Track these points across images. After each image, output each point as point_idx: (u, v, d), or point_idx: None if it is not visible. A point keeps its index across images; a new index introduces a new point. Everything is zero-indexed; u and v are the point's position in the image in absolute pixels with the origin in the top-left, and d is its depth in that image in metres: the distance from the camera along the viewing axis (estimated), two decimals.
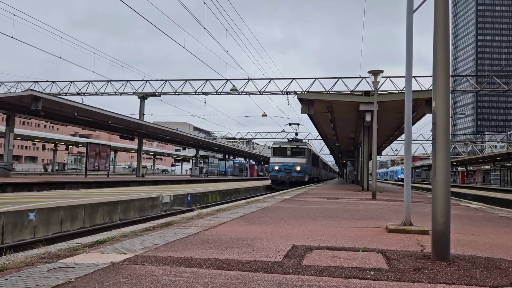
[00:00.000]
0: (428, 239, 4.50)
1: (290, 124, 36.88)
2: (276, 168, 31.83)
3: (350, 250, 4.10)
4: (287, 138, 34.51)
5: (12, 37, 22.19)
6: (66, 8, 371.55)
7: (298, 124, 36.05)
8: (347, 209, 9.09)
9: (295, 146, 32.74)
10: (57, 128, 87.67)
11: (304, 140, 46.05)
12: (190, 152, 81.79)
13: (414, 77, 29.09)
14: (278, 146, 33.34)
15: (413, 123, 23.14)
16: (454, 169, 70.02)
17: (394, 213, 8.49)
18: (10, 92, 32.51)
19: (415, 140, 62.08)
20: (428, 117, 25.13)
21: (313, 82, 32.50)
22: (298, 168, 31.27)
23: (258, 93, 33.47)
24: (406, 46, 5.61)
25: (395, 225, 5.62)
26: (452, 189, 20.74)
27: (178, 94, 35.22)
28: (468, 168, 66.50)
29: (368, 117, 16.32)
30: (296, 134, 36.89)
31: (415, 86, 29.29)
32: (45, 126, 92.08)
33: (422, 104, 16.47)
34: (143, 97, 36.81)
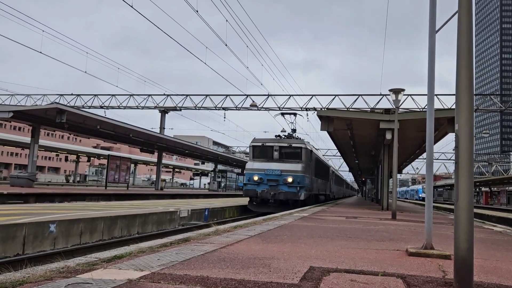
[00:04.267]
0: (450, 264, 4.37)
1: (283, 114, 24.29)
2: (255, 178, 19.80)
3: (369, 273, 4.00)
4: (278, 135, 22.29)
5: (41, 52, 22.93)
6: (102, 29, 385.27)
7: (295, 115, 23.83)
8: (366, 229, 8.93)
9: (285, 145, 20.58)
10: (80, 140, 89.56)
11: (309, 146, 28.10)
12: (208, 166, 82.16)
13: (436, 95, 28.72)
14: (259, 144, 20.90)
15: (435, 142, 22.75)
16: (477, 189, 68.21)
17: (414, 234, 8.30)
18: (36, 105, 33.47)
19: (437, 159, 60.96)
20: (451, 136, 24.67)
21: (333, 99, 32.46)
22: (290, 180, 19.46)
23: (278, 109, 33.55)
24: (428, 64, 5.56)
25: (416, 248, 5.48)
26: (475, 210, 20.16)
27: (199, 109, 35.62)
28: (492, 188, 64.66)
29: (388, 135, 16.12)
30: (293, 131, 23.09)
31: (437, 104, 28.88)
32: (68, 138, 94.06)
33: (445, 123, 16.18)
34: (164, 111, 37.38)
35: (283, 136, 21.91)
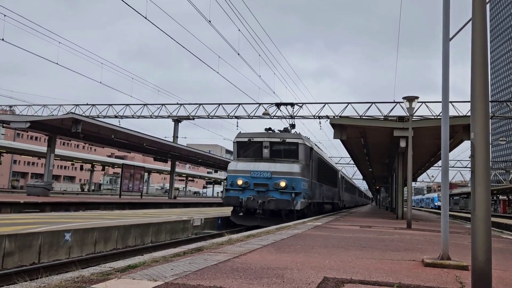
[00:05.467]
0: (467, 275, 4.28)
1: (278, 104, 19.80)
2: (239, 182, 15.97)
3: (384, 285, 3.94)
4: (269, 128, 17.84)
5: (57, 64, 23.39)
6: (119, 42, 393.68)
7: (293, 105, 19.87)
8: (381, 239, 8.81)
9: (277, 140, 16.52)
10: (95, 149, 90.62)
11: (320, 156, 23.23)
12: (221, 174, 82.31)
13: (451, 102, 28.40)
14: (244, 139, 16.97)
15: (451, 150, 22.45)
16: (494, 198, 66.90)
17: (430, 244, 8.16)
18: (53, 115, 34.07)
19: (453, 167, 60.06)
20: (467, 143, 24.34)
21: (346, 107, 32.32)
22: (283, 184, 15.56)
23: (290, 117, 33.52)
24: (442, 72, 5.50)
25: (432, 258, 5.38)
26: (493, 219, 19.81)
27: (211, 118, 35.83)
28: (510, 197, 63.34)
29: (402, 143, 15.97)
30: (292, 126, 18.99)
31: (452, 112, 28.55)
32: (83, 147, 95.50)
33: (460, 130, 15.97)
34: (177, 120, 37.68)
35: (278, 131, 17.71)
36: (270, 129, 17.41)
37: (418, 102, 15.39)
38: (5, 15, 18.45)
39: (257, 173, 15.84)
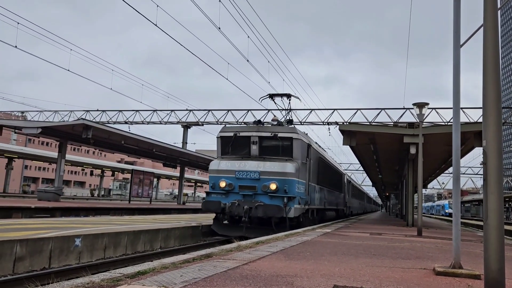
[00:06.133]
0: (480, 285, 4.21)
1: (272, 95, 16.34)
2: (222, 184, 13.77)
3: None
4: (258, 120, 15.64)
5: (68, 70, 23.69)
6: (130, 49, 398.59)
7: (289, 96, 16.23)
8: (391, 247, 8.73)
9: (268, 134, 14.22)
10: (105, 155, 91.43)
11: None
12: None
13: (461, 108, 28.17)
14: (229, 133, 14.70)
15: (461, 156, 22.20)
16: (507, 205, 65.92)
17: (441, 252, 8.06)
18: (64, 121, 34.45)
19: (464, 174, 59.39)
20: (478, 150, 24.06)
21: (355, 113, 32.21)
22: (273, 186, 13.35)
23: (299, 123, 33.51)
24: (453, 78, 5.47)
25: (444, 267, 5.32)
26: (506, 227, 19.53)
27: (220, 124, 35.93)
28: None
29: (412, 150, 15.86)
30: (289, 121, 16.36)
31: (462, 118, 28.28)
32: (93, 152, 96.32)
33: (471, 137, 15.83)
34: (186, 126, 37.87)
35: (271, 124, 15.45)
36: (260, 121, 14.90)
37: (428, 108, 15.27)
38: (18, 23, 18.77)
39: (242, 174, 13.56)
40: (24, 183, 63.22)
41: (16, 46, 19.16)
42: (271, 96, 16.11)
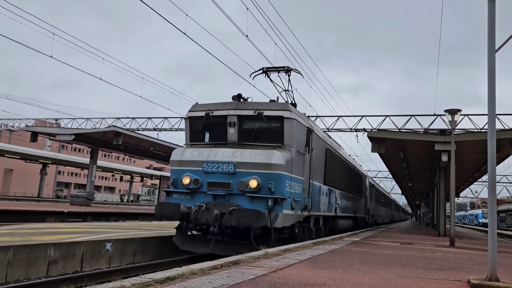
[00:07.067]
0: None
1: (266, 70, 12.28)
2: (185, 180, 10.26)
3: None
4: (238, 94, 10.96)
5: (100, 79, 24.40)
6: (162, 59, 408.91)
7: (288, 71, 12.27)
8: (423, 257, 8.50)
9: (250, 112, 10.47)
10: (134, 161, 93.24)
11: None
12: None
13: (496, 115, 27.25)
14: (200, 113, 11.03)
15: (496, 164, 21.45)
16: None
17: (476, 264, 7.78)
18: (95, 128, 35.42)
19: (499, 182, 57.26)
20: None
21: (384, 120, 31.65)
22: (254, 184, 9.64)
23: (326, 130, 33.24)
24: (488, 84, 5.32)
25: (479, 279, 5.12)
26: None
27: None
28: None
29: (444, 158, 15.45)
30: (293, 105, 11.72)
31: (497, 125, 27.33)
32: (123, 159, 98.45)
33: (506, 144, 15.29)
34: None
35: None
36: (240, 96, 10.90)
37: (461, 115, 14.86)
38: (54, 34, 19.50)
39: (212, 166, 9.96)
40: (57, 188, 65.32)
41: (51, 56, 19.89)
42: (265, 71, 12.25)
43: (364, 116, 32.46)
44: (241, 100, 10.92)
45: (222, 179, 9.93)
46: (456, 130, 14.97)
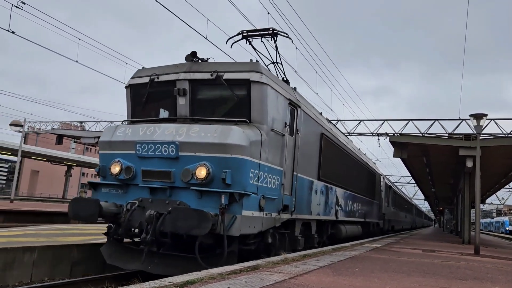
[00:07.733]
0: None
1: (246, 34, 9.35)
2: (115, 169, 7.56)
3: None
4: (193, 52, 8.04)
5: (123, 83, 24.84)
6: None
7: (274, 35, 9.24)
8: (446, 265, 8.30)
9: (206, 76, 7.64)
10: None
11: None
12: None
13: None
14: (144, 79, 8.26)
15: None
16: None
17: (503, 274, 7.55)
18: None
19: None
20: None
21: (406, 124, 31.13)
22: (203, 173, 6.85)
23: (347, 134, 32.93)
24: None
25: None
26: None
27: None
28: None
29: (469, 163, 15.10)
30: (285, 81, 9.51)
31: None
32: None
33: None
34: None
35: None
36: (194, 54, 8.25)
37: (487, 119, 14.51)
38: (79, 39, 19.97)
39: (148, 148, 7.38)
40: (81, 189, 66.74)
41: (77, 61, 20.36)
42: (246, 36, 9.45)
43: (386, 120, 32.00)
44: (197, 60, 8.18)
45: (160, 166, 7.28)
46: (481, 135, 14.60)
